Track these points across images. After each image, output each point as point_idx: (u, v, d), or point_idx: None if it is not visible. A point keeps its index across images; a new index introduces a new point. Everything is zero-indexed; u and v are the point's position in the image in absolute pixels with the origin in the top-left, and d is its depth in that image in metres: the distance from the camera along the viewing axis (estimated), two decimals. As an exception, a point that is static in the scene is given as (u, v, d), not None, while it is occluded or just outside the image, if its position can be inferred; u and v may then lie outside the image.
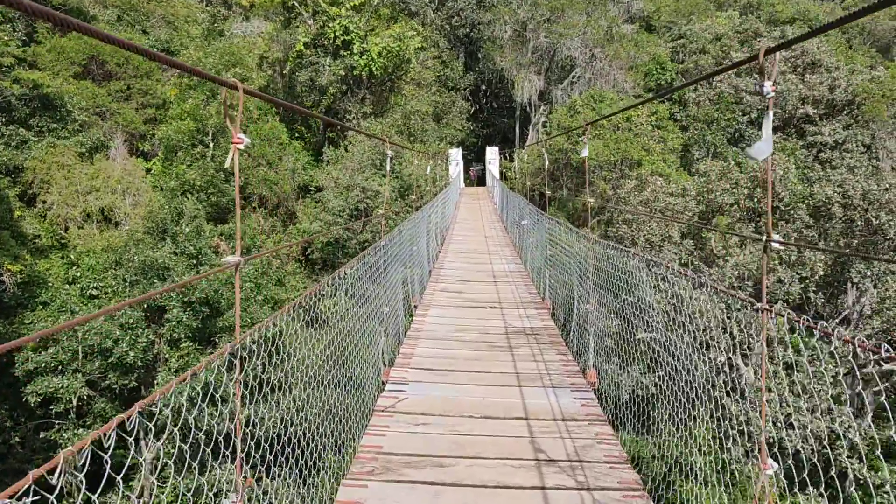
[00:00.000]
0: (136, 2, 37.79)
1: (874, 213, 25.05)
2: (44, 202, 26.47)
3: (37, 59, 30.14)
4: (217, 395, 3.51)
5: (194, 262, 21.06)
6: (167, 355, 20.17)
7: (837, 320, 27.65)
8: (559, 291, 11.01)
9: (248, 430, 3.66)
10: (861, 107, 38.83)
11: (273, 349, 4.18)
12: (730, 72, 40.98)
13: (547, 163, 11.60)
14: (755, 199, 27.05)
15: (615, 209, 30.19)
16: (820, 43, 43.11)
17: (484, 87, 46.84)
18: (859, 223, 25.73)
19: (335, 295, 5.99)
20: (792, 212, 26.08)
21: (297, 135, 36.31)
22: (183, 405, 5.10)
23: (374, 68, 33.57)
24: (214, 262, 22.13)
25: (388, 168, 7.91)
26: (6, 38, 28.02)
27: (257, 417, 4.57)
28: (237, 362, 3.43)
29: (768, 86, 3.20)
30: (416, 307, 10.36)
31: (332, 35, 33.41)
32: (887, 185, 25.15)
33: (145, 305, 20.05)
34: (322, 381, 5.45)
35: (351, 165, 29.31)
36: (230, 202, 29.29)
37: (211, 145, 30.44)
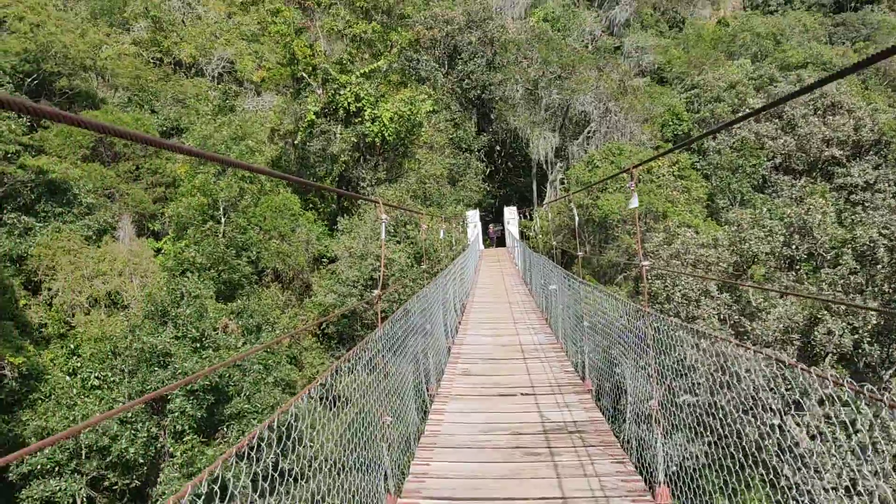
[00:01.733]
0: (145, 82, 37.16)
1: (924, 254, 22.90)
2: (49, 289, 25.04)
3: (43, 143, 29.20)
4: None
5: (197, 345, 19.34)
6: (171, 449, 18.28)
7: (890, 372, 25.28)
8: (602, 369, 9.10)
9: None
10: (890, 145, 36.92)
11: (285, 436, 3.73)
12: (750, 119, 39.38)
13: (577, 217, 9.81)
14: (793, 247, 25.04)
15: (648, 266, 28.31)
16: (839, 84, 41.54)
17: (498, 148, 45.57)
18: (907, 266, 23.57)
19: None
20: (836, 256, 24.00)
21: (310, 205, 34.99)
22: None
23: (386, 134, 32.34)
24: (222, 345, 20.43)
25: (382, 233, 6.19)
26: (12, 125, 27.10)
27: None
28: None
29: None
30: (432, 399, 8.49)
31: (343, 103, 32.34)
32: (935, 225, 23.03)
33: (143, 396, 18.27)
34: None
35: (364, 234, 27.75)
36: (242, 278, 27.74)
37: (223, 220, 29.09)
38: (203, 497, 2.69)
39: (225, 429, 18.85)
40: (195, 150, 2.76)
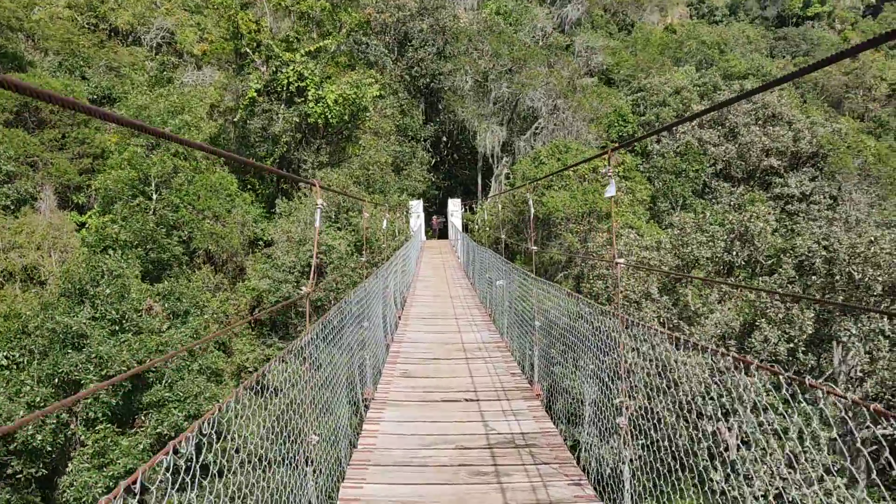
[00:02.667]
0: (77, 47, 35.02)
1: (859, 267, 23.11)
2: (-42, 260, 23.21)
3: (-40, 104, 27.15)
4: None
5: (116, 328, 18.00)
6: (83, 437, 16.94)
7: (821, 380, 25.52)
8: (555, 374, 8.42)
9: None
10: (826, 158, 37.55)
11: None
12: (692, 123, 39.59)
13: (532, 209, 9.02)
14: (733, 253, 25.02)
15: (583, 262, 27.97)
16: (779, 96, 42.14)
17: (445, 139, 44.78)
18: (840, 278, 23.77)
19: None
20: (775, 265, 24.07)
21: (248, 186, 33.56)
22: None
23: (329, 116, 31.16)
24: (144, 328, 19.11)
25: (317, 220, 5.31)
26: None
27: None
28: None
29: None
30: (366, 405, 7.65)
31: (286, 81, 31.02)
32: (871, 238, 23.25)
33: (56, 381, 16.90)
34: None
35: (304, 218, 26.62)
36: (171, 258, 26.28)
37: (154, 197, 27.53)
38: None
39: (143, 417, 17.60)
40: (130, 120, 2.47)
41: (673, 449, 4.77)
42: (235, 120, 32.83)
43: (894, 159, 39.21)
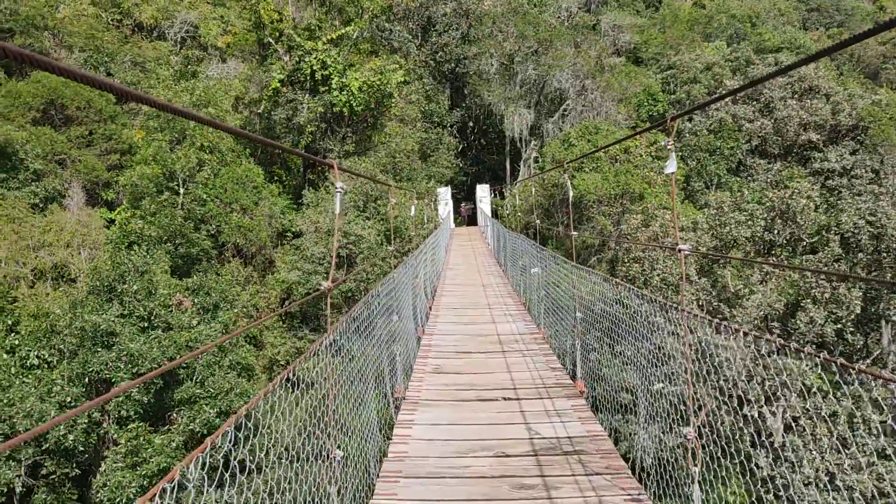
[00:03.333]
0: (101, 43, 34.86)
1: (909, 242, 22.03)
2: (-10, 260, 23.14)
3: (-12, 104, 27.08)
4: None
5: (145, 324, 17.70)
6: (115, 436, 16.70)
7: (868, 361, 24.54)
8: (602, 373, 7.80)
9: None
10: (867, 131, 36.12)
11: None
12: (726, 100, 38.38)
13: (570, 191, 8.20)
14: (775, 231, 24.03)
15: (620, 245, 27.17)
16: (815, 69, 40.65)
17: (472, 124, 44.02)
18: (888, 254, 22.71)
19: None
20: (820, 243, 23.07)
21: (275, 178, 33.21)
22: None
23: (354, 104, 30.63)
24: (174, 324, 18.82)
25: (336, 205, 4.74)
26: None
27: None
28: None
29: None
30: (398, 405, 7.11)
31: (309, 70, 30.52)
32: (921, 212, 22.13)
33: (86, 380, 16.65)
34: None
35: (331, 208, 26.15)
36: (200, 253, 26.03)
37: (181, 191, 27.28)
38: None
39: (175, 414, 17.32)
40: (161, 102, 2.37)
41: (714, 436, 4.49)
42: (260, 111, 32.45)
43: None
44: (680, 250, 4.33)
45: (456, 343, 10.04)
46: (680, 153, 36.11)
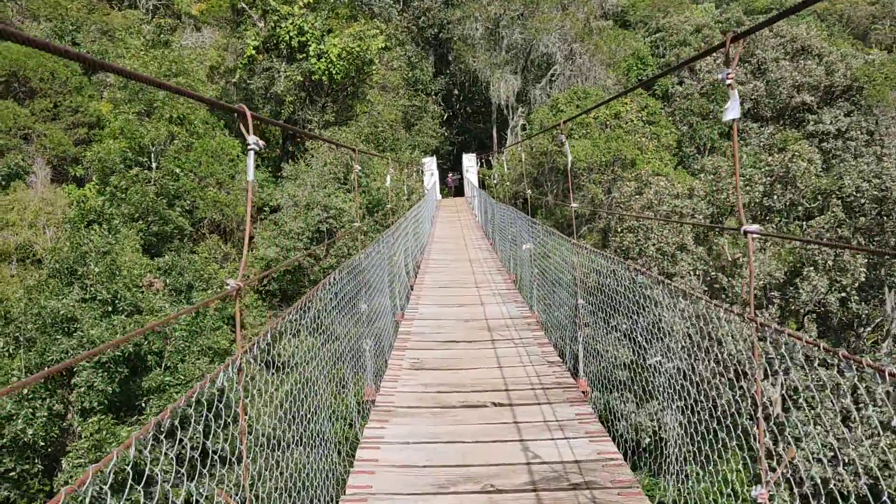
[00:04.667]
0: (66, 12, 32.93)
1: (913, 206, 20.89)
2: (-51, 241, 21.65)
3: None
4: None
5: (109, 309, 16.33)
6: (80, 428, 15.43)
7: (869, 329, 23.56)
8: (617, 380, 6.57)
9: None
10: (862, 91, 34.80)
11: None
12: (718, 61, 36.95)
13: (570, 157, 6.77)
14: (774, 197, 22.83)
15: (611, 214, 25.90)
16: (807, 28, 39.21)
17: (457, 92, 42.41)
18: (891, 218, 21.58)
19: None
20: (821, 208, 21.91)
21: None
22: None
23: (334, 72, 28.99)
24: (144, 307, 17.47)
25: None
26: None
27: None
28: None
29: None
30: (367, 409, 5.86)
31: (286, 36, 28.82)
32: (926, 174, 20.98)
33: (44, 369, 15.29)
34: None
35: (311, 181, 24.72)
36: (175, 230, 24.59)
37: (153, 166, 25.76)
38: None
39: (143, 405, 16.05)
40: (126, 71, 2.26)
41: (710, 406, 4.23)
42: (235, 80, 30.76)
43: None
44: (746, 233, 3.04)
45: (439, 330, 8.78)
46: (671, 117, 34.75)
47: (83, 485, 1.80)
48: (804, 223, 22.62)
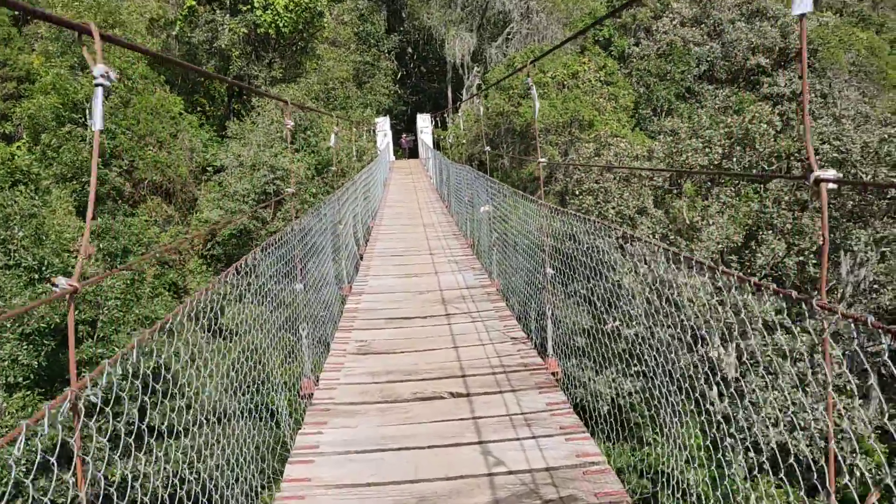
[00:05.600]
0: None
1: (870, 168, 20.60)
2: None
3: None
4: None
5: (35, 275, 15.01)
6: (5, 405, 14.19)
7: (823, 293, 23.37)
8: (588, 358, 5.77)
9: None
10: (816, 53, 34.50)
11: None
12: (675, 22, 36.29)
13: (536, 104, 5.76)
14: (733, 159, 22.32)
15: (573, 174, 25.13)
16: (762, -11, 38.68)
17: (410, 50, 40.94)
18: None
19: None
20: (781, 170, 21.49)
21: (197, 107, 29.93)
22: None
23: (281, 25, 27.38)
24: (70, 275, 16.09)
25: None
26: None
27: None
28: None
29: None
30: (302, 405, 4.95)
31: (229, -14, 27.09)
32: (883, 136, 20.68)
33: (-36, 342, 14.00)
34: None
35: (257, 140, 23.36)
36: (112, 190, 23.09)
37: (89, 123, 24.02)
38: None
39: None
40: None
41: (670, 371, 4.06)
42: (176, 33, 28.89)
43: (886, 52, 36.34)
44: (819, 180, 2.17)
45: (390, 304, 7.86)
46: (628, 79, 34.00)
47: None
48: (762, 185, 22.19)
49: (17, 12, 29.44)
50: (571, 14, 38.34)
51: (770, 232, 19.80)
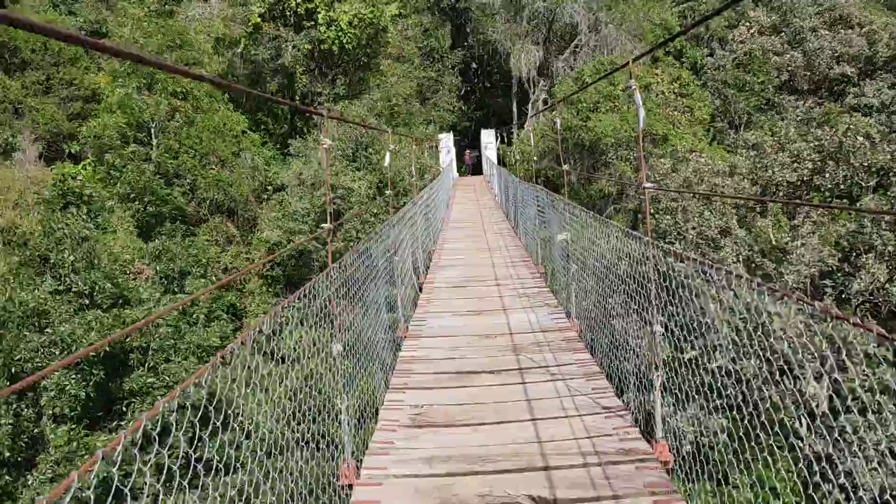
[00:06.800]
0: (64, -20, 30.85)
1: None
2: (-71, 224, 19.72)
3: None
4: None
5: (86, 301, 14.32)
6: (52, 436, 13.50)
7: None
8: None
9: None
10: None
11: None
12: (752, 31, 34.17)
13: (641, 112, 4.48)
14: (826, 175, 20.32)
15: (638, 194, 23.52)
16: (846, -2, 36.21)
17: (475, 65, 39.85)
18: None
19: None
20: (879, 186, 19.43)
21: (261, 126, 29.44)
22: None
23: (344, 41, 26.65)
24: (132, 298, 15.46)
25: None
26: None
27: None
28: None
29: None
30: (344, 497, 3.74)
31: (292, 2, 26.48)
32: None
33: (12, 370, 13.36)
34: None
35: (318, 158, 22.55)
36: (173, 211, 22.60)
37: (154, 143, 23.74)
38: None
39: (124, 409, 14.08)
40: (121, 50, 2.06)
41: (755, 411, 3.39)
42: (240, 51, 28.52)
43: None
44: None
45: (452, 353, 6.59)
46: (704, 90, 32.06)
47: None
48: (857, 202, 20.10)
49: (85, 31, 29.63)
50: (641, 25, 36.62)
51: (871, 255, 17.76)
